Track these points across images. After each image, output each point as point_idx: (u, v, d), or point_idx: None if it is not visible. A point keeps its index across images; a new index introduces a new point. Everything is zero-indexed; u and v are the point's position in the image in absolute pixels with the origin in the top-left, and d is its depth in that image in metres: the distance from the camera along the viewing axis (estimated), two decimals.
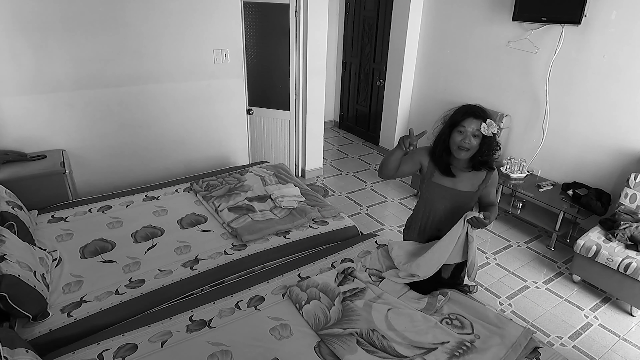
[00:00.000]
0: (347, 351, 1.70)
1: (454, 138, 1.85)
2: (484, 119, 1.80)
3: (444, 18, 4.43)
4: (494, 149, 1.88)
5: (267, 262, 2.34)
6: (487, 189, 2.00)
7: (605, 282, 2.85)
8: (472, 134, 1.81)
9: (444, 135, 1.89)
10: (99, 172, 3.22)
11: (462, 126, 1.82)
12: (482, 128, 1.78)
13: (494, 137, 1.84)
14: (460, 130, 1.83)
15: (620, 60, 3.16)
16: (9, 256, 1.79)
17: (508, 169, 3.82)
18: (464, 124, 1.81)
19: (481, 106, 1.85)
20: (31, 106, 2.83)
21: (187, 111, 3.47)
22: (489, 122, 1.78)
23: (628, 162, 3.25)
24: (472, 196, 1.98)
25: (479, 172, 1.95)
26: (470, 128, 1.80)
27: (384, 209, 4.04)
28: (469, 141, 1.82)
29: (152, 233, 2.48)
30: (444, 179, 1.97)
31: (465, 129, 1.81)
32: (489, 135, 1.80)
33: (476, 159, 1.89)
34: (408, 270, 2.06)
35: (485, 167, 1.93)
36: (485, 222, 1.85)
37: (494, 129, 1.79)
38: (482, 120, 1.79)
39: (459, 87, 4.41)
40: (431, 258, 1.99)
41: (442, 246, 1.96)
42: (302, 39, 3.92)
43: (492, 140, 1.85)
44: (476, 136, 1.82)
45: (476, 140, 1.82)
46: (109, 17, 2.90)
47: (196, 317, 1.88)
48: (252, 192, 2.94)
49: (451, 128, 1.86)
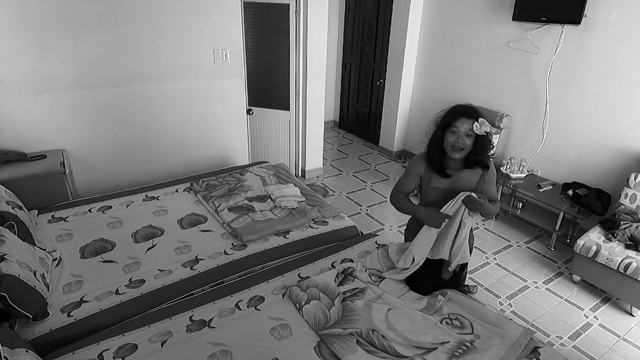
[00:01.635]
0: (347, 351, 1.70)
1: (447, 139, 1.87)
2: (476, 118, 1.82)
3: (444, 18, 4.43)
4: (487, 147, 1.90)
5: (267, 262, 2.34)
6: (485, 186, 2.01)
7: (605, 282, 2.85)
8: (465, 134, 1.83)
9: (437, 137, 1.91)
10: (99, 172, 3.22)
11: (454, 127, 1.84)
12: (474, 127, 1.81)
13: (487, 136, 1.86)
14: (453, 130, 1.85)
15: (620, 60, 3.16)
16: (9, 256, 1.79)
17: (508, 169, 3.82)
18: (457, 125, 1.83)
19: (472, 105, 1.88)
20: (31, 106, 2.83)
21: (187, 111, 3.47)
22: (481, 120, 1.81)
23: (628, 162, 3.25)
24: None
25: (474, 170, 1.96)
26: (462, 128, 1.82)
27: (384, 209, 4.04)
28: (463, 141, 1.84)
29: (152, 233, 2.48)
30: (441, 181, 1.99)
31: (458, 129, 1.83)
32: (482, 134, 1.82)
33: (470, 158, 1.91)
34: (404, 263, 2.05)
35: (479, 166, 1.94)
36: (480, 201, 1.85)
37: (486, 127, 1.81)
38: (474, 119, 1.82)
39: (459, 87, 4.41)
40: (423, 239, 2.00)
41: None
42: (302, 39, 3.91)
43: (485, 139, 1.87)
44: (469, 136, 1.84)
45: (469, 139, 1.84)
46: (109, 17, 2.90)
47: (196, 317, 1.88)
48: (252, 192, 2.94)
49: (444, 129, 1.88)
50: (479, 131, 1.80)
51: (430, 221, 1.97)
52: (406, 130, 5.19)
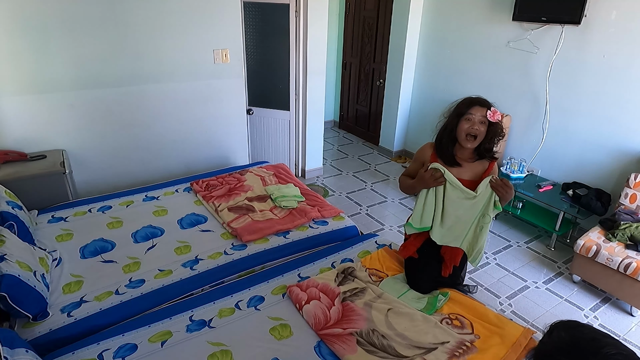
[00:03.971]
0: (347, 351, 1.70)
1: (462, 126, 1.91)
2: (489, 106, 1.89)
3: (444, 18, 4.43)
4: (499, 135, 1.95)
5: (267, 262, 2.34)
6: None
7: (605, 282, 2.85)
8: (480, 121, 1.89)
9: (450, 126, 1.95)
10: (99, 172, 3.22)
11: (469, 114, 1.89)
12: (487, 114, 1.87)
13: (499, 124, 1.92)
14: (468, 118, 1.90)
15: (620, 60, 3.16)
16: (9, 256, 1.79)
17: (508, 169, 3.82)
18: (471, 112, 1.89)
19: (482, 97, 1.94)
20: (31, 106, 2.83)
21: (187, 111, 3.47)
22: (494, 109, 1.88)
23: (628, 162, 3.25)
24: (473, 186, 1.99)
25: (482, 161, 2.00)
26: (477, 116, 1.88)
27: (384, 209, 4.04)
28: (477, 128, 1.89)
29: (152, 233, 2.48)
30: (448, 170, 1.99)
31: (473, 117, 1.89)
32: (495, 121, 1.88)
33: (482, 146, 1.95)
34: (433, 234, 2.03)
35: (489, 155, 1.99)
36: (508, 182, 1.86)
37: (499, 115, 1.88)
38: (487, 108, 1.88)
39: (459, 87, 4.41)
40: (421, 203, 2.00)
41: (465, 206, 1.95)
42: (302, 39, 3.91)
43: (498, 127, 1.93)
44: (483, 123, 1.89)
45: (483, 127, 1.90)
46: (109, 17, 2.90)
47: (196, 317, 1.88)
48: (252, 192, 2.94)
49: (458, 118, 1.92)
50: (492, 118, 1.86)
51: (424, 182, 1.96)
52: (406, 130, 5.19)
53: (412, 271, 2.16)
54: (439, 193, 1.98)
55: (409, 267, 2.19)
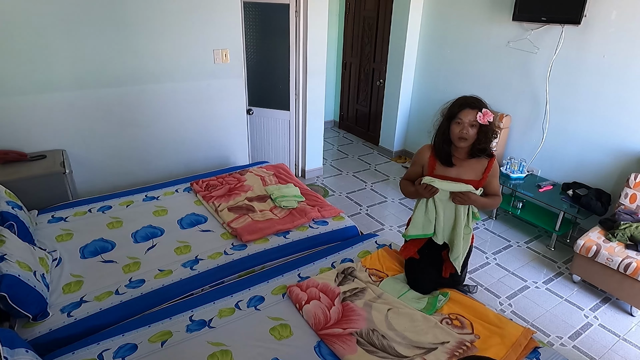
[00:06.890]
0: (347, 351, 1.70)
1: (453, 130, 1.92)
2: (480, 108, 1.88)
3: (444, 18, 4.43)
4: (491, 136, 1.96)
5: (267, 262, 2.34)
6: (489, 179, 2.04)
7: (605, 282, 2.85)
8: (470, 124, 1.88)
9: (443, 128, 1.97)
10: (99, 172, 3.22)
11: (459, 118, 1.90)
12: (477, 117, 1.87)
13: (490, 125, 1.92)
14: (457, 122, 1.91)
15: (620, 60, 3.16)
16: (9, 256, 1.79)
17: (508, 169, 3.82)
18: (461, 116, 1.89)
19: (477, 96, 1.94)
20: (31, 106, 2.83)
21: (187, 111, 3.47)
22: (485, 111, 1.87)
23: (628, 162, 3.25)
24: (477, 185, 2.00)
25: (481, 160, 2.00)
26: (467, 119, 1.88)
27: (384, 209, 4.04)
28: (467, 131, 1.89)
29: (152, 233, 2.48)
30: (447, 170, 2.02)
31: (462, 120, 1.89)
32: (485, 123, 1.88)
33: (475, 147, 1.96)
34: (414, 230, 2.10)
35: (484, 154, 1.99)
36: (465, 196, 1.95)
37: (489, 117, 1.87)
38: (478, 110, 1.87)
39: (459, 87, 4.41)
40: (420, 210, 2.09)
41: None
42: (302, 39, 3.91)
43: (488, 129, 1.92)
44: (473, 126, 1.89)
45: (473, 129, 1.90)
46: (109, 17, 2.90)
47: (196, 317, 1.88)
48: (252, 192, 2.94)
49: (449, 120, 1.94)
50: (482, 121, 1.86)
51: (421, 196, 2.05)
52: (406, 130, 5.19)
53: (413, 272, 2.17)
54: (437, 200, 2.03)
55: (410, 268, 2.19)
